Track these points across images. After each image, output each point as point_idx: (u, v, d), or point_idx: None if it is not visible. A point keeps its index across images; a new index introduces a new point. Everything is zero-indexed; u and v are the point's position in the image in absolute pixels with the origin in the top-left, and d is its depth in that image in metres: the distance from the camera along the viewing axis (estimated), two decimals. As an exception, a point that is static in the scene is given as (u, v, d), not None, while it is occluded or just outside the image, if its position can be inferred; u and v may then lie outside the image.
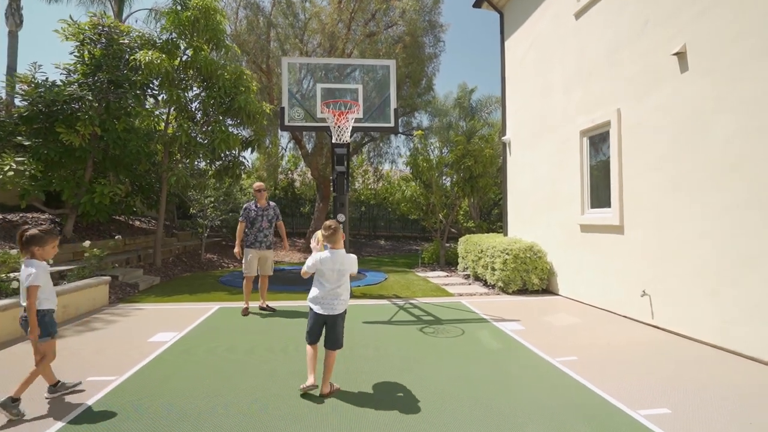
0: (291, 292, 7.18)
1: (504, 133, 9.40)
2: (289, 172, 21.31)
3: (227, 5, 13.80)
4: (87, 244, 6.89)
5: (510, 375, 3.61)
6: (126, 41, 8.30)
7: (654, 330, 4.98)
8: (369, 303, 6.58)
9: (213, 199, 12.00)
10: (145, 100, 8.97)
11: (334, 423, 2.71)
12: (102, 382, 3.30)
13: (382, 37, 14.56)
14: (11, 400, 2.71)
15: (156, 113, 9.03)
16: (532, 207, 8.19)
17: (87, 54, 8.01)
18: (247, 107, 8.82)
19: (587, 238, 6.46)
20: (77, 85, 7.72)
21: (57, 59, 38.77)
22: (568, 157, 6.95)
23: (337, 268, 3.17)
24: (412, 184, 12.72)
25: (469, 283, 8.51)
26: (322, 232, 3.26)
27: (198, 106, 9.25)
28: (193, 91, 9.17)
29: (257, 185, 5.99)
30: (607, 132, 6.09)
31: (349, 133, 6.88)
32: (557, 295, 7.20)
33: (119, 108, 7.91)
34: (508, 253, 7.26)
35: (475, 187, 11.21)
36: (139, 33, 8.55)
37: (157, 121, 9.06)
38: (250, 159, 20.69)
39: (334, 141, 6.88)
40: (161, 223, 9.37)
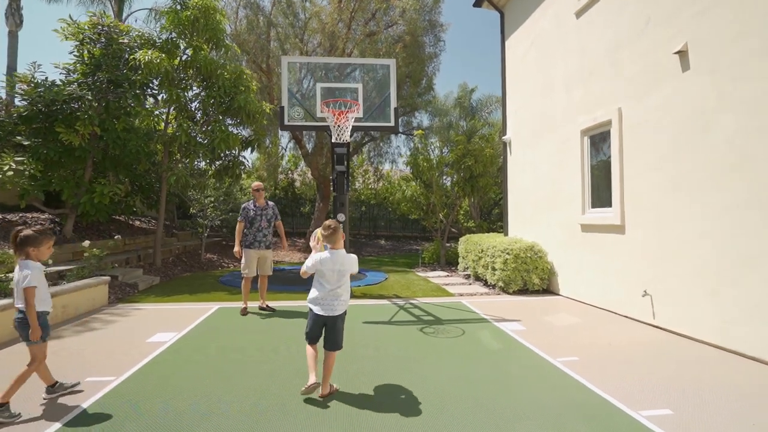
0: (290, 292, 7.17)
1: (504, 132, 9.39)
2: (289, 172, 21.30)
3: (227, 5, 13.81)
4: (86, 243, 6.89)
5: (511, 375, 3.60)
6: (126, 41, 8.30)
7: (655, 330, 4.97)
8: (369, 303, 6.58)
9: (213, 198, 11.99)
10: (144, 100, 8.96)
11: (334, 423, 2.70)
12: (101, 383, 3.29)
13: (382, 37, 14.54)
14: None
15: (156, 113, 9.02)
16: (533, 206, 8.17)
17: (86, 53, 8.00)
18: (247, 107, 8.80)
19: (588, 237, 6.45)
20: (77, 84, 7.71)
21: (57, 59, 38.73)
22: (568, 156, 6.94)
23: (337, 268, 3.15)
24: (413, 183, 12.73)
25: (470, 283, 8.50)
26: (322, 232, 3.24)
27: (198, 106, 9.24)
28: (192, 91, 9.16)
29: (255, 185, 6.02)
30: (607, 131, 6.08)
31: (349, 133, 6.88)
32: (558, 295, 7.19)
33: (119, 108, 7.91)
34: (508, 253, 7.25)
35: (476, 186, 11.21)
36: (138, 32, 8.55)
37: (156, 120, 9.05)
38: (250, 159, 20.73)
39: (334, 140, 6.88)
40: (161, 222, 9.37)
